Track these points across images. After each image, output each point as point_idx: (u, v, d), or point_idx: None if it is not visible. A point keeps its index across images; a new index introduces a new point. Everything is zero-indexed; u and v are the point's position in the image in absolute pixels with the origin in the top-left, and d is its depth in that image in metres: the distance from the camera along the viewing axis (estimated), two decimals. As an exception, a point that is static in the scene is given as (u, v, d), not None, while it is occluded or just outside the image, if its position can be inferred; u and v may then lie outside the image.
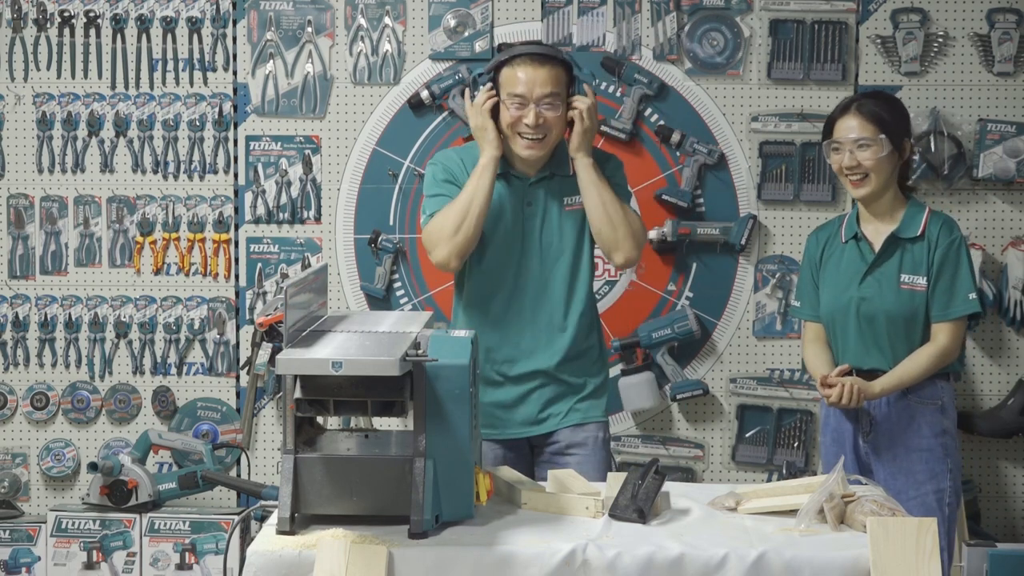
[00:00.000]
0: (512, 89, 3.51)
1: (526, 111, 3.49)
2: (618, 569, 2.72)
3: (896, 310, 3.68)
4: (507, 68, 3.53)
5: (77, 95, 4.65)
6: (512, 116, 3.51)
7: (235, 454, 4.66)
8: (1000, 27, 4.55)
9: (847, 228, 3.80)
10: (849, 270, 3.76)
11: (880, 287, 3.71)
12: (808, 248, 3.90)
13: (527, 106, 3.49)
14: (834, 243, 3.82)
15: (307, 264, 4.65)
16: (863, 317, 3.71)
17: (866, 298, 3.71)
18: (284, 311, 2.84)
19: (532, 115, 3.49)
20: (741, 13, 4.58)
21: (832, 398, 3.65)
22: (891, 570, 2.66)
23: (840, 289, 3.76)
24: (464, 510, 2.87)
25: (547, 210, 3.60)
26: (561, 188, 3.61)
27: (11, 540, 4.42)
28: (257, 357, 4.60)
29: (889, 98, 3.84)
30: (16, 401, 4.69)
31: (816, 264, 3.85)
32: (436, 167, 3.66)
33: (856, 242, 3.76)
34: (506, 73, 3.53)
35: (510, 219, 3.60)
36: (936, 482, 3.68)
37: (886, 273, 3.71)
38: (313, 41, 4.62)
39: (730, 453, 4.65)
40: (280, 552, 2.73)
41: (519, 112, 3.50)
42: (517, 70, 3.51)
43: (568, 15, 4.60)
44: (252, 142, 4.65)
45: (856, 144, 3.67)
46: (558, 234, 3.60)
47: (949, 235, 3.69)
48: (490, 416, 3.60)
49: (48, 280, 4.68)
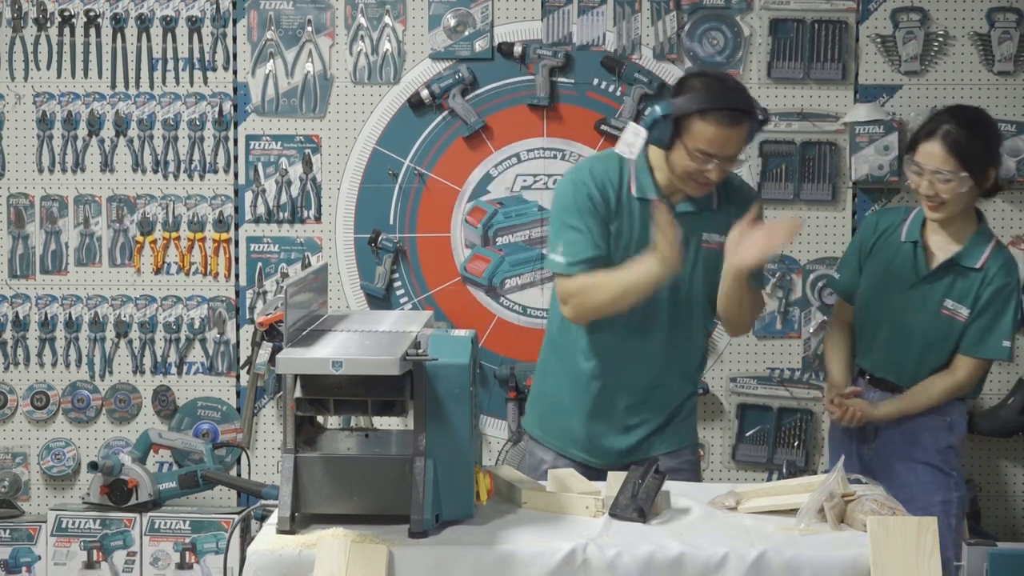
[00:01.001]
0: (699, 145, 3.20)
1: (709, 166, 3.22)
2: (618, 568, 2.71)
3: (931, 332, 3.58)
4: (700, 120, 3.19)
5: (77, 94, 4.64)
6: (691, 166, 3.23)
7: (235, 453, 4.66)
8: (1000, 26, 4.55)
9: (909, 229, 3.62)
10: (898, 274, 3.62)
11: (923, 305, 3.59)
12: (864, 228, 3.75)
13: (711, 161, 3.22)
14: (892, 236, 3.65)
15: (307, 263, 4.65)
16: (897, 327, 3.61)
17: (906, 310, 3.60)
18: (284, 310, 2.84)
19: (716, 173, 3.23)
20: (741, 12, 4.58)
21: (834, 416, 3.64)
22: (891, 569, 2.66)
23: (883, 289, 3.64)
24: (464, 509, 2.87)
25: (686, 243, 3.30)
26: (703, 223, 3.36)
27: (11, 539, 4.42)
28: (257, 356, 4.60)
29: (979, 123, 3.57)
30: (16, 400, 4.69)
31: (866, 249, 3.69)
32: (578, 190, 3.32)
33: (914, 247, 3.60)
34: (697, 124, 3.20)
35: (650, 245, 3.26)
36: (941, 493, 3.61)
37: (932, 293, 3.58)
38: (313, 40, 4.62)
39: (730, 452, 4.65)
40: (280, 551, 2.73)
41: (700, 165, 3.22)
42: (711, 127, 3.19)
43: (568, 14, 4.60)
44: (252, 141, 4.65)
45: (935, 174, 3.48)
46: (690, 269, 3.34)
47: (1006, 276, 3.55)
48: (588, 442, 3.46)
49: (48, 280, 4.68)
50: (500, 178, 4.65)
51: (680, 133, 3.22)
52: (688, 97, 3.21)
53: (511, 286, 4.67)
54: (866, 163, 4.52)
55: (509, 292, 4.67)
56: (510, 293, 4.67)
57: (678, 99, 3.23)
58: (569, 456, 3.48)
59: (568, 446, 3.49)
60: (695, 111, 3.19)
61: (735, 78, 3.35)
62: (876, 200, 4.58)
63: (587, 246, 3.28)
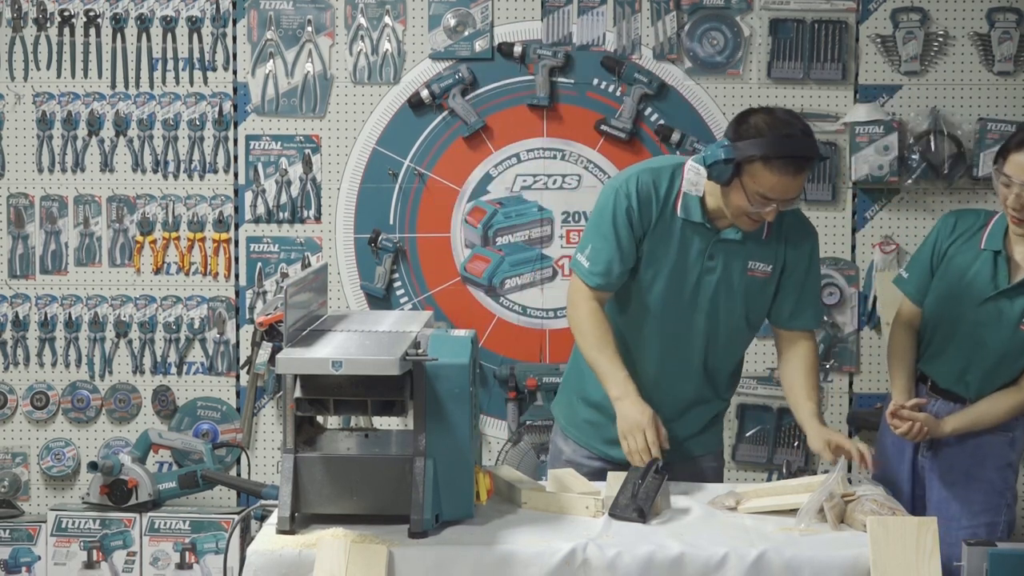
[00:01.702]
0: (761, 190, 3.10)
1: (767, 209, 3.14)
2: (618, 568, 2.72)
3: (1007, 349, 3.35)
4: (763, 166, 3.08)
5: (77, 94, 4.64)
6: (749, 208, 3.15)
7: (235, 453, 4.66)
8: (1000, 26, 4.55)
9: (990, 236, 3.39)
10: (976, 283, 3.38)
11: (999, 319, 3.35)
12: (939, 229, 3.48)
13: (769, 204, 3.13)
14: (970, 242, 3.42)
15: (307, 263, 4.65)
16: (969, 339, 3.39)
17: (981, 323, 3.37)
18: (284, 310, 2.84)
19: (773, 215, 3.16)
20: (741, 12, 4.58)
21: (898, 430, 3.37)
22: (891, 569, 2.66)
23: (957, 297, 3.40)
24: (464, 509, 2.87)
25: (728, 270, 3.27)
26: (748, 251, 3.28)
27: (11, 539, 4.42)
28: (257, 356, 4.60)
29: None
30: (16, 400, 4.69)
31: (941, 252, 3.45)
32: (619, 202, 3.26)
33: (994, 257, 3.36)
34: (760, 170, 3.09)
35: (688, 267, 3.28)
36: (990, 515, 3.44)
37: (1011, 308, 3.35)
38: (313, 40, 4.62)
39: (730, 453, 4.65)
40: (280, 551, 2.73)
41: (760, 208, 3.14)
42: (774, 175, 3.08)
43: (568, 14, 4.60)
44: (252, 141, 4.65)
45: (1023, 188, 3.25)
46: (733, 297, 3.30)
47: None
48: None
49: (48, 280, 4.68)
50: (500, 178, 4.65)
51: (740, 173, 3.12)
52: (753, 143, 3.09)
53: (511, 286, 4.67)
54: (866, 163, 4.52)
55: (509, 292, 4.67)
56: (510, 293, 4.67)
57: (742, 143, 3.11)
58: (590, 449, 3.43)
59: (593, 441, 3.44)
60: (759, 158, 3.09)
61: (800, 118, 3.21)
62: (876, 200, 4.58)
63: (611, 259, 3.25)
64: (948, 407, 3.45)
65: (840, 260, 4.60)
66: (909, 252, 4.54)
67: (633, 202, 3.24)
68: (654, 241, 3.27)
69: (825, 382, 4.62)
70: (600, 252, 3.26)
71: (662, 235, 3.27)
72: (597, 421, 3.41)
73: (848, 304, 4.61)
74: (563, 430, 3.52)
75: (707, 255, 3.27)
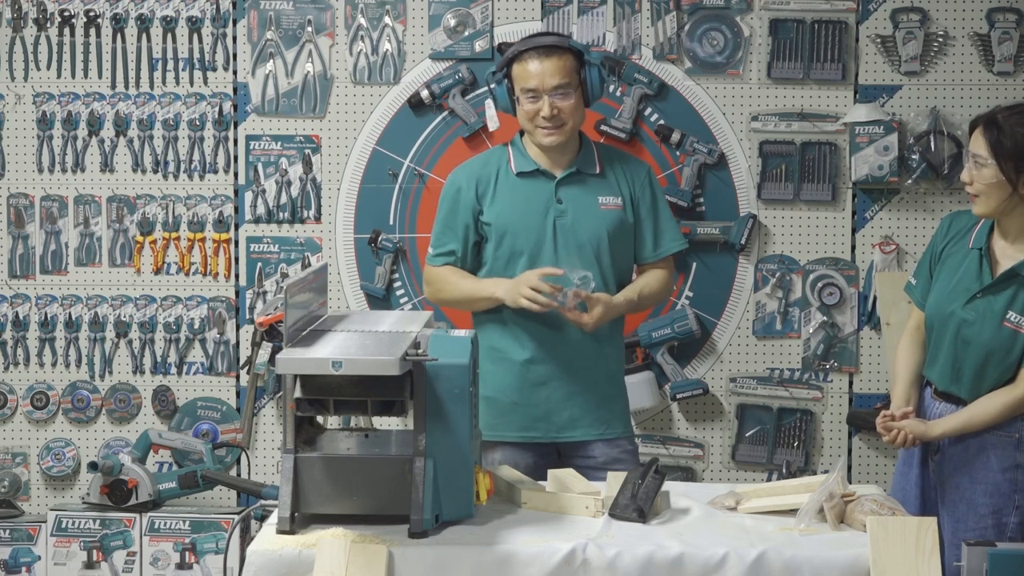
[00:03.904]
0: (524, 84, 3.57)
1: (540, 103, 3.55)
2: (618, 568, 2.72)
3: (993, 345, 3.33)
4: (517, 64, 3.59)
5: (77, 95, 4.65)
6: (528, 110, 3.58)
7: (235, 453, 4.66)
8: (1000, 27, 4.55)
9: (977, 235, 3.41)
10: (963, 282, 3.40)
11: (983, 316, 3.35)
12: (937, 232, 3.52)
13: (540, 98, 3.55)
14: (962, 241, 3.44)
15: (307, 264, 4.65)
16: (960, 339, 3.37)
17: (967, 321, 3.36)
18: (284, 311, 2.84)
19: (547, 107, 3.54)
20: (741, 12, 4.58)
21: (885, 439, 3.40)
22: (891, 569, 2.67)
23: (947, 297, 3.41)
24: (464, 509, 2.88)
25: (580, 208, 3.62)
26: (593, 187, 3.65)
27: (11, 540, 4.42)
28: (257, 357, 4.60)
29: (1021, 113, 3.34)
30: (16, 400, 4.69)
31: (937, 254, 3.49)
32: (449, 188, 3.72)
33: (980, 254, 3.39)
34: (517, 69, 3.59)
35: (539, 218, 3.62)
36: (998, 516, 3.39)
37: (994, 304, 3.34)
38: (313, 40, 4.62)
39: (730, 452, 4.65)
40: (280, 551, 2.73)
41: (534, 105, 3.56)
42: (527, 64, 3.57)
43: (568, 15, 4.60)
44: (252, 141, 4.65)
45: (973, 160, 3.32)
46: (594, 230, 3.62)
47: None
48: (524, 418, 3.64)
49: (48, 280, 4.68)
50: (500, 178, 4.65)
51: (512, 89, 3.61)
52: (507, 53, 3.63)
53: (511, 286, 4.66)
54: (866, 163, 4.52)
55: (509, 292, 4.66)
56: (510, 293, 4.66)
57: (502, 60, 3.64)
58: (508, 441, 3.60)
59: (506, 430, 3.62)
60: (512, 59, 3.59)
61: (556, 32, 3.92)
62: (876, 200, 4.58)
63: (448, 239, 3.66)
64: (950, 410, 3.43)
65: (840, 260, 4.61)
66: (909, 252, 4.55)
67: (462, 184, 3.67)
68: (500, 206, 3.63)
69: (825, 382, 4.63)
70: (439, 236, 3.69)
71: (505, 196, 3.64)
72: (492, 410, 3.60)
73: (848, 304, 4.61)
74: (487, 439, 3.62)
75: (555, 199, 3.61)
